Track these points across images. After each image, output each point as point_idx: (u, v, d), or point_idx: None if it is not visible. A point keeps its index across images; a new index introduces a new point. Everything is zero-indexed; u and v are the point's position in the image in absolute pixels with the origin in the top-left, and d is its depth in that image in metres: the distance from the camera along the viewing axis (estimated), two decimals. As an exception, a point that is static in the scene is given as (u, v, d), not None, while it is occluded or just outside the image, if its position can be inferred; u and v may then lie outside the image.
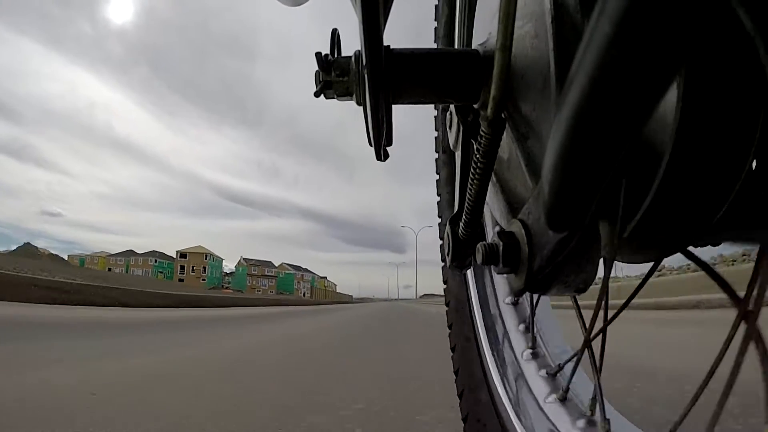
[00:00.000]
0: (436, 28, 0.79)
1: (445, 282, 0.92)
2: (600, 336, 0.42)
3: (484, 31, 0.43)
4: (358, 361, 2.45)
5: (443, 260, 0.91)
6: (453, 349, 0.83)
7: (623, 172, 0.30)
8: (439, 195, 0.93)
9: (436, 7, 0.78)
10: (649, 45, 0.16)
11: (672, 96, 0.27)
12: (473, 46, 0.44)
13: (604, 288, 0.38)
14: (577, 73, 0.19)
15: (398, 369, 2.10)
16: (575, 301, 0.48)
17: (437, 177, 0.93)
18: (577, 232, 0.27)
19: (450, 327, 0.88)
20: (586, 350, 0.43)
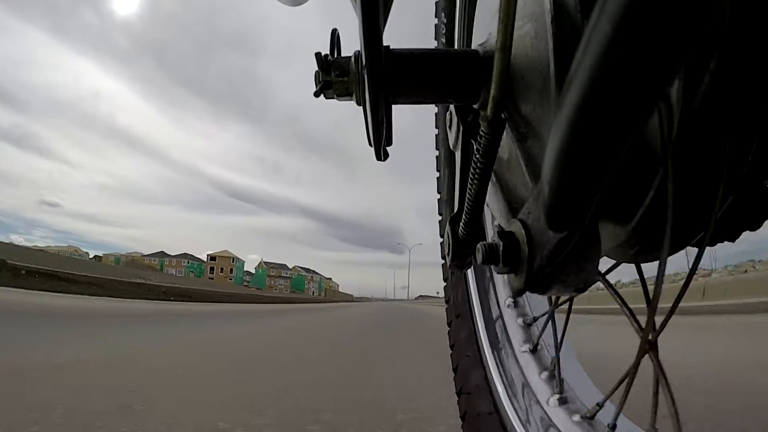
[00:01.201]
0: (435, 28, 0.79)
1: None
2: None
3: (484, 31, 0.43)
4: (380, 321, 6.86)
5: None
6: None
7: (623, 171, 0.30)
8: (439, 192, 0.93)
9: (436, 7, 0.78)
10: (649, 45, 0.16)
11: (673, 94, 0.27)
12: (473, 47, 0.44)
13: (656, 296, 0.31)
14: (576, 73, 0.19)
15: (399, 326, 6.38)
16: (627, 308, 0.41)
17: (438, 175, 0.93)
18: (577, 232, 0.27)
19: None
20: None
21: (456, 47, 0.56)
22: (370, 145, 0.48)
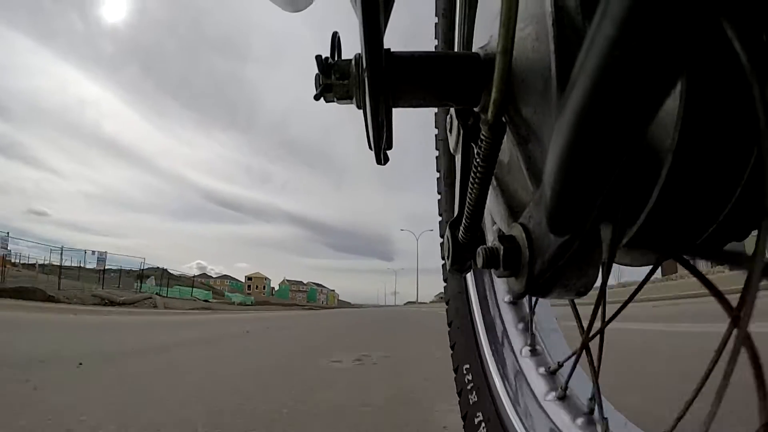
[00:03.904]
0: (436, 31, 0.79)
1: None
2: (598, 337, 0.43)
3: (485, 33, 0.43)
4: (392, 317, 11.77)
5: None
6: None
7: (625, 175, 0.30)
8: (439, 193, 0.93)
9: (437, 9, 0.78)
10: (651, 48, 0.16)
11: (674, 99, 0.27)
12: (474, 49, 0.44)
13: (603, 290, 0.38)
14: (578, 75, 0.19)
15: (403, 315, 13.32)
16: (573, 303, 0.48)
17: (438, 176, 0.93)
18: (579, 236, 0.27)
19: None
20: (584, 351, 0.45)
21: (457, 50, 0.56)
22: (370, 148, 0.47)
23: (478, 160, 0.37)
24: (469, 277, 0.84)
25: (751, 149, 0.29)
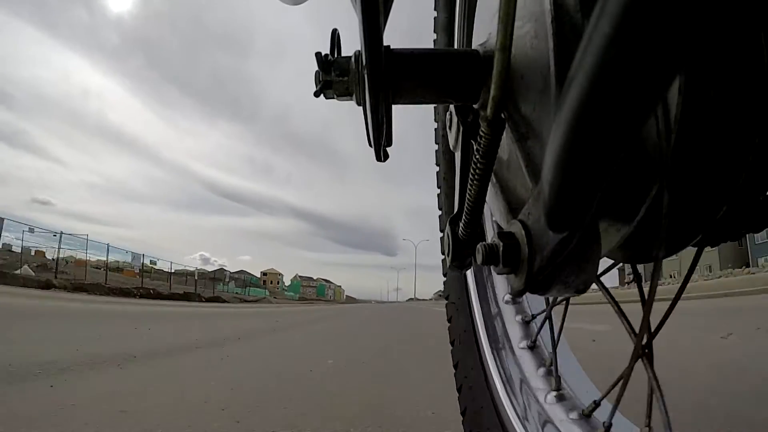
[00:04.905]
0: (435, 28, 0.79)
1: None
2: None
3: (484, 31, 0.43)
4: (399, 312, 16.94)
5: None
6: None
7: (624, 172, 0.30)
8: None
9: (436, 7, 0.78)
10: (649, 45, 0.16)
11: (673, 96, 0.27)
12: (473, 46, 0.44)
13: (651, 293, 0.32)
14: (577, 73, 0.19)
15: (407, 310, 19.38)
16: (621, 313, 0.41)
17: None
18: (578, 232, 0.27)
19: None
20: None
21: (456, 47, 0.55)
22: (370, 145, 0.47)
23: (477, 156, 0.37)
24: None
25: (750, 146, 0.29)
